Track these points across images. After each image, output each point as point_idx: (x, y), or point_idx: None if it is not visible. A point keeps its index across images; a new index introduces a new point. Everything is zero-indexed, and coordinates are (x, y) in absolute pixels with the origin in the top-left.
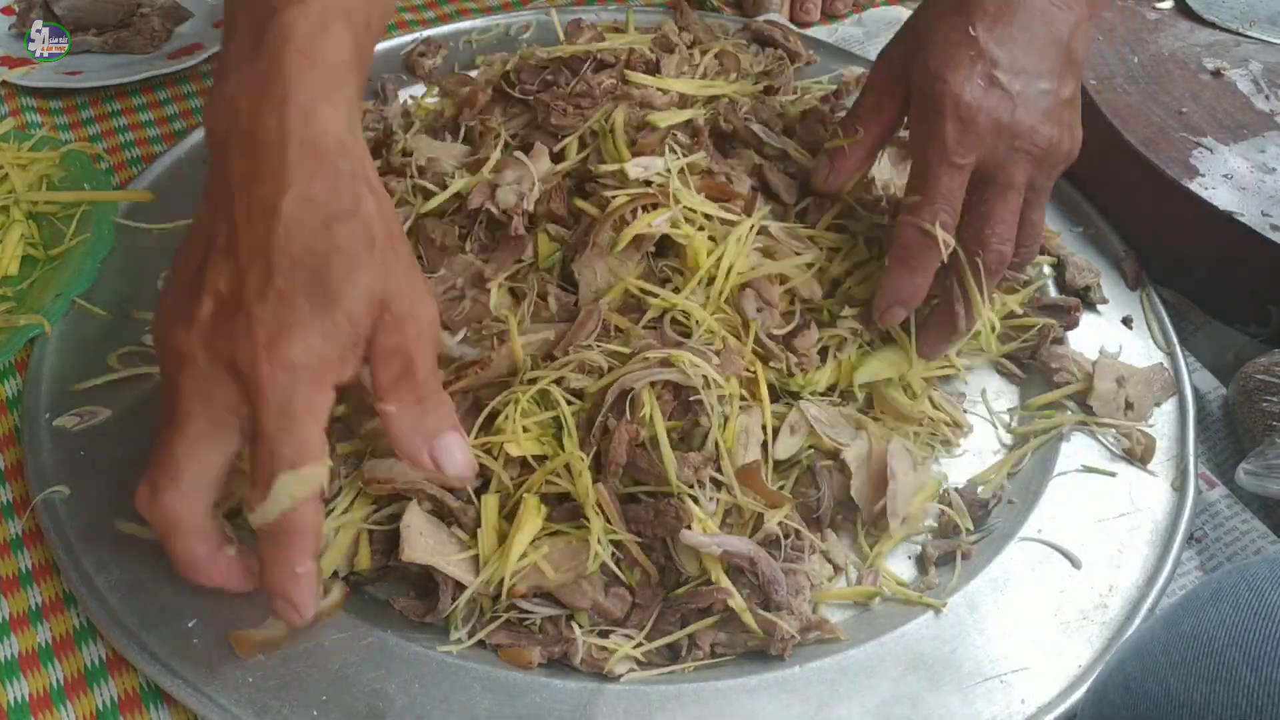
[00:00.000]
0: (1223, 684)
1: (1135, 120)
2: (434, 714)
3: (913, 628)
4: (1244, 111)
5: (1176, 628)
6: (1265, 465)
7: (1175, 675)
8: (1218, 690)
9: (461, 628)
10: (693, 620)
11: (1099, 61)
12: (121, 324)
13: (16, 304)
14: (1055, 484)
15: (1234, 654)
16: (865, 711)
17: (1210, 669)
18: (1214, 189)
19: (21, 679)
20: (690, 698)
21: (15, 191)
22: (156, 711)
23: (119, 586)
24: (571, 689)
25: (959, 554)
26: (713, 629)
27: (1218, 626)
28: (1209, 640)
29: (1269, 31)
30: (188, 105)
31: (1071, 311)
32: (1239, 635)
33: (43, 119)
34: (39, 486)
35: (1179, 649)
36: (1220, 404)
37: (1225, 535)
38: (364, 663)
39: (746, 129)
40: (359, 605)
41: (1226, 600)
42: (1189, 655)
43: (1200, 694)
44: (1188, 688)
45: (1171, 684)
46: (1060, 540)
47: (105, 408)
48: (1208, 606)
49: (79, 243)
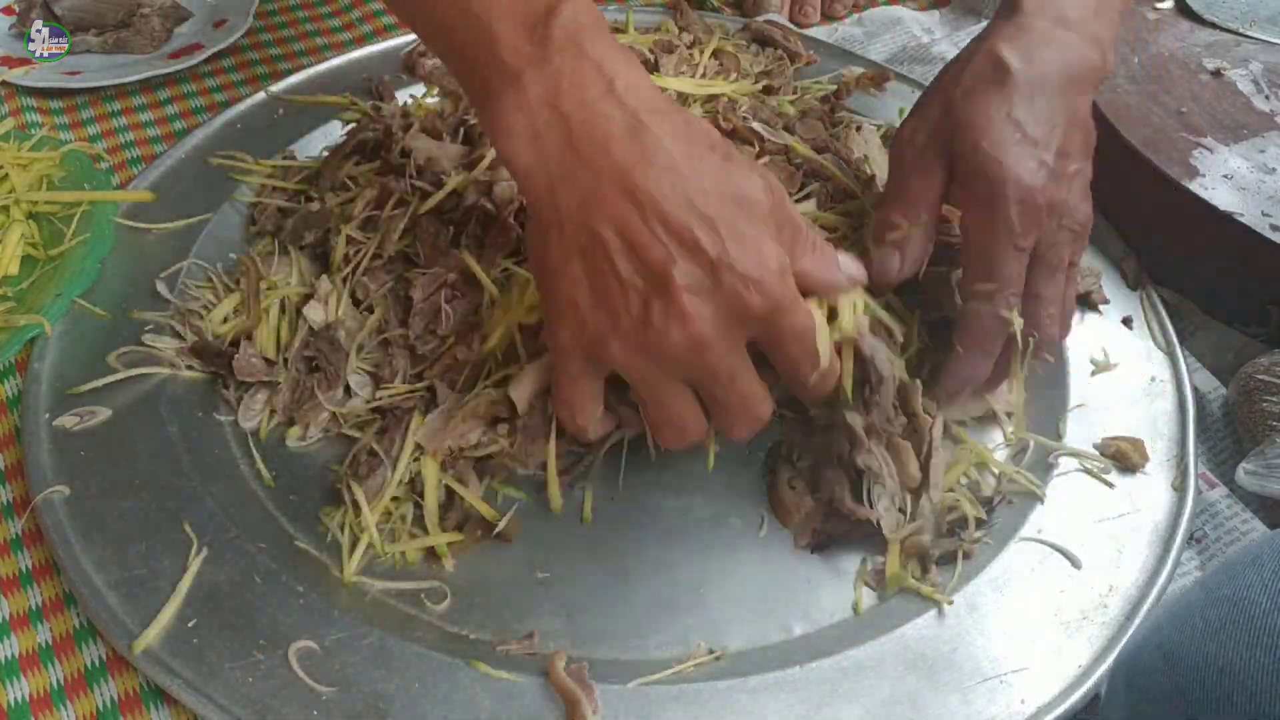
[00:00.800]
0: (1262, 647)
1: (1135, 120)
2: (434, 714)
3: (913, 628)
4: (1244, 112)
5: (1215, 593)
6: (1265, 465)
7: (1214, 640)
8: (1258, 655)
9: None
10: None
11: None
12: (121, 324)
13: (16, 304)
14: (1055, 484)
15: (1274, 618)
16: (865, 711)
17: (1251, 633)
18: (1214, 189)
19: (21, 679)
20: (690, 698)
21: (15, 191)
22: (156, 711)
23: (119, 586)
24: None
25: (959, 554)
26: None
27: (1259, 591)
28: (1249, 604)
29: (1269, 31)
30: (188, 105)
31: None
32: (1279, 598)
33: (43, 119)
34: (39, 486)
35: (1217, 613)
36: (1220, 404)
37: (1226, 535)
38: (364, 663)
39: (746, 127)
40: (359, 605)
41: (1268, 565)
42: (1229, 620)
43: (1240, 658)
44: (1226, 652)
45: (1209, 648)
46: (1060, 540)
47: (105, 407)
48: (1248, 571)
49: (79, 243)
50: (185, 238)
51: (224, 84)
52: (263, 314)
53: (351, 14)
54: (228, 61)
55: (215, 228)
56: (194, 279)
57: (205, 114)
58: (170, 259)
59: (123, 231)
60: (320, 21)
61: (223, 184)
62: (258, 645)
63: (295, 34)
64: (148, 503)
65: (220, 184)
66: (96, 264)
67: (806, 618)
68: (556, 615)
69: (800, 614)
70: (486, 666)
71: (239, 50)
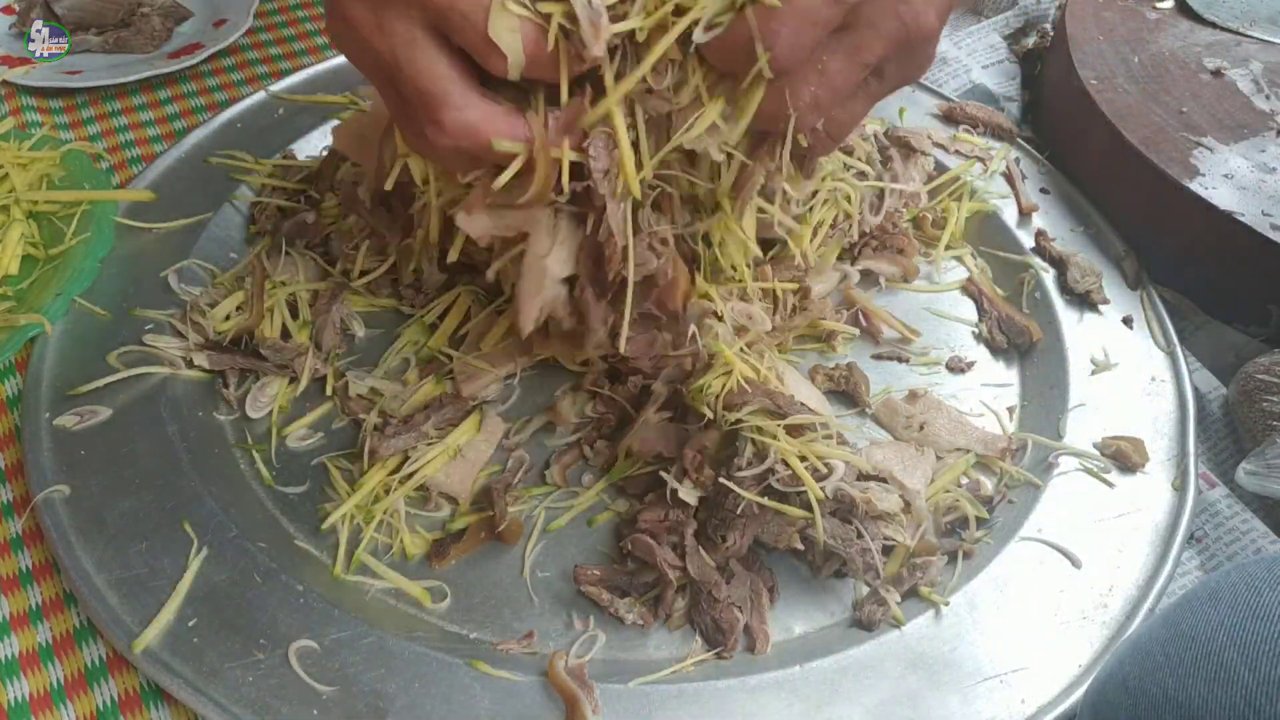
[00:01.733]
0: (1220, 684)
1: (1135, 120)
2: (434, 714)
3: (912, 627)
4: (1244, 111)
5: (1175, 627)
6: (1265, 465)
7: (1173, 676)
8: (1215, 691)
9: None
10: None
11: (1099, 61)
12: (121, 323)
13: (17, 303)
14: (1055, 483)
15: (1231, 654)
16: (865, 711)
17: (1208, 669)
18: (1214, 189)
19: (22, 678)
20: (690, 697)
21: (15, 191)
22: (156, 711)
23: (119, 586)
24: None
25: (960, 553)
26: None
27: (1216, 627)
28: (1207, 640)
29: (1269, 31)
30: (188, 105)
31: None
32: (1237, 635)
33: (43, 118)
34: (39, 485)
35: (1177, 649)
36: (1220, 404)
37: (1226, 535)
38: (364, 663)
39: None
40: (359, 605)
41: (1225, 600)
42: (1187, 656)
43: (1199, 694)
44: (1185, 688)
45: (1169, 684)
46: (1060, 540)
47: (105, 407)
48: (1206, 606)
49: (79, 242)
50: (185, 237)
51: (224, 83)
52: (266, 312)
53: None
54: (228, 61)
55: (215, 227)
56: (193, 278)
57: (205, 113)
58: (170, 258)
59: (123, 231)
60: (320, 21)
61: (223, 183)
62: (258, 644)
63: (295, 33)
64: (148, 502)
65: (220, 183)
66: (96, 263)
67: (806, 618)
68: (556, 615)
69: (800, 614)
70: (486, 666)
71: (239, 49)
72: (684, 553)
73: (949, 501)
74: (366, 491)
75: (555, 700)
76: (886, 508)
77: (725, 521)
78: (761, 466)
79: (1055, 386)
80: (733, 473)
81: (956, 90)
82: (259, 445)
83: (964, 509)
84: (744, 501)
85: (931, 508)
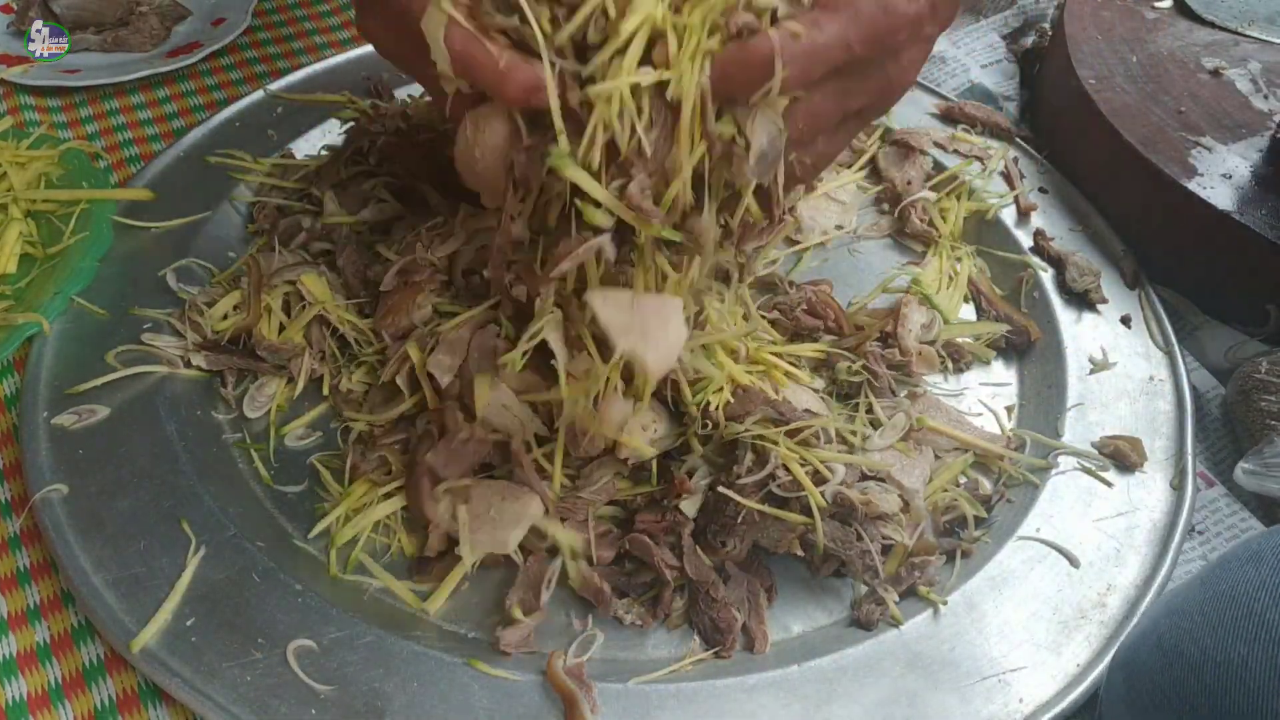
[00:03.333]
0: (1262, 643)
1: (1134, 120)
2: (432, 713)
3: (911, 626)
4: (1243, 111)
5: (1214, 588)
6: (1263, 464)
7: (1212, 635)
8: (1256, 650)
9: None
10: None
11: (1097, 61)
12: (120, 322)
13: (15, 302)
14: (1053, 483)
15: (1274, 614)
16: (863, 710)
17: (1249, 628)
18: (1212, 188)
19: (20, 678)
20: (690, 697)
21: (14, 190)
22: (155, 710)
23: (117, 585)
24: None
25: (958, 553)
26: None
27: (1258, 587)
28: (1249, 600)
29: (1268, 31)
30: (186, 104)
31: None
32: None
33: (41, 117)
34: (37, 485)
35: (1216, 609)
36: (1218, 403)
37: (1225, 533)
38: (362, 662)
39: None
40: (358, 604)
41: (1268, 561)
42: (1227, 615)
43: (1239, 653)
44: (1225, 647)
45: (1208, 644)
46: (1059, 539)
47: (103, 406)
48: (1247, 567)
49: (77, 241)
50: (183, 236)
51: (222, 82)
52: (264, 312)
53: (350, 13)
54: (226, 60)
55: (213, 227)
56: (192, 277)
57: (204, 112)
58: (169, 258)
59: (121, 230)
60: (319, 20)
61: (221, 183)
62: (256, 644)
63: (294, 32)
64: (146, 501)
65: (219, 183)
66: (95, 262)
67: (805, 617)
68: (556, 614)
69: (798, 613)
70: (484, 665)
71: (237, 49)
72: (681, 553)
73: (947, 501)
74: (354, 500)
75: (554, 699)
76: (885, 507)
77: (725, 528)
78: (762, 473)
79: (1053, 386)
80: (732, 480)
81: (955, 90)
82: (257, 444)
83: (962, 508)
84: (744, 509)
85: (930, 507)
